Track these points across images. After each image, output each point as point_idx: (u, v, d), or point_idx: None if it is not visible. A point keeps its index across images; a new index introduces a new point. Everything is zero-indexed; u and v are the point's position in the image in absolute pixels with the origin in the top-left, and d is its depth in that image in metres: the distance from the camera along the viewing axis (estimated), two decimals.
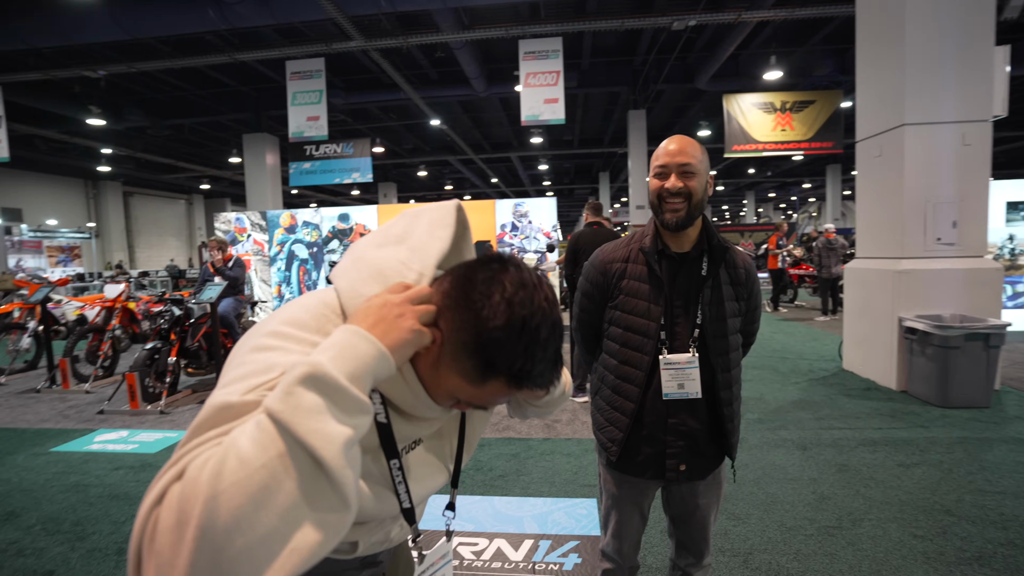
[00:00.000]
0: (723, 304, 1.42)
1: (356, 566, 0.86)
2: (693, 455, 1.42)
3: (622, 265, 1.48)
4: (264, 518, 0.47)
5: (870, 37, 5.08)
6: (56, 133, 12.83)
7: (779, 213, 44.81)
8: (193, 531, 0.45)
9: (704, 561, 1.55)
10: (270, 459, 0.48)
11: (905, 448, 3.28)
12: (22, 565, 2.33)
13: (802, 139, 11.79)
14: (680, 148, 1.38)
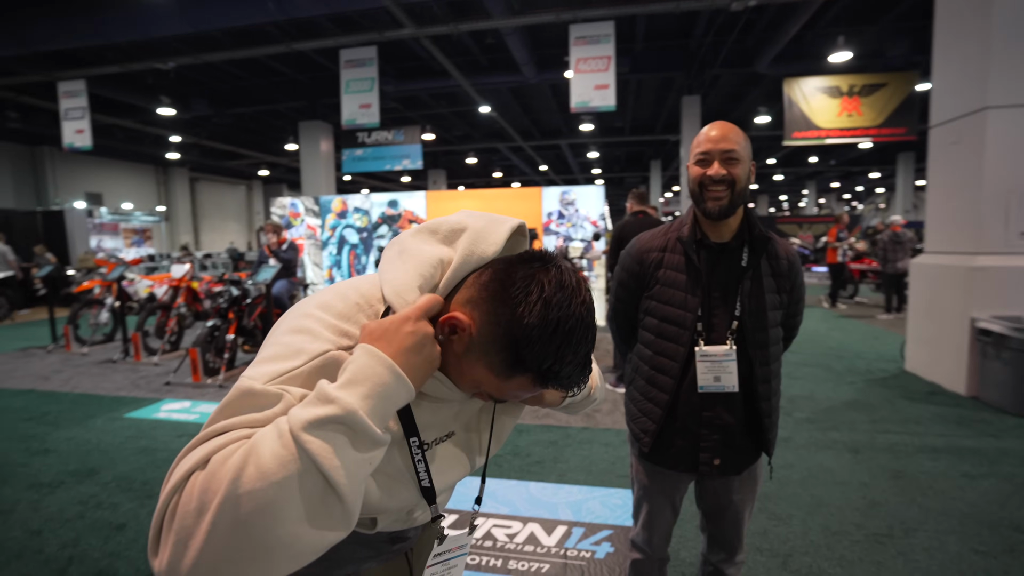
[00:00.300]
0: (763, 296, 1.37)
1: (385, 539, 0.89)
2: (728, 449, 1.39)
3: (659, 254, 1.45)
4: (272, 526, 0.51)
5: (951, 10, 4.68)
6: (131, 123, 13.67)
7: (842, 204, 42.45)
8: (209, 520, 0.50)
9: (736, 558, 1.51)
10: (287, 477, 0.52)
11: (972, 458, 3.07)
12: (99, 517, 2.55)
13: (871, 125, 11.06)
14: (723, 134, 1.33)
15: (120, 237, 17.36)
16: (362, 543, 0.86)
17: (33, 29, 8.32)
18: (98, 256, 11.85)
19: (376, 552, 0.88)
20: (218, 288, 6.09)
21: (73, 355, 6.42)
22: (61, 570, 2.14)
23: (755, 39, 10.58)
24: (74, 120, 10.09)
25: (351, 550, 0.85)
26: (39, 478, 3.00)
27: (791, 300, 1.44)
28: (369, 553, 0.87)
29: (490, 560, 2.17)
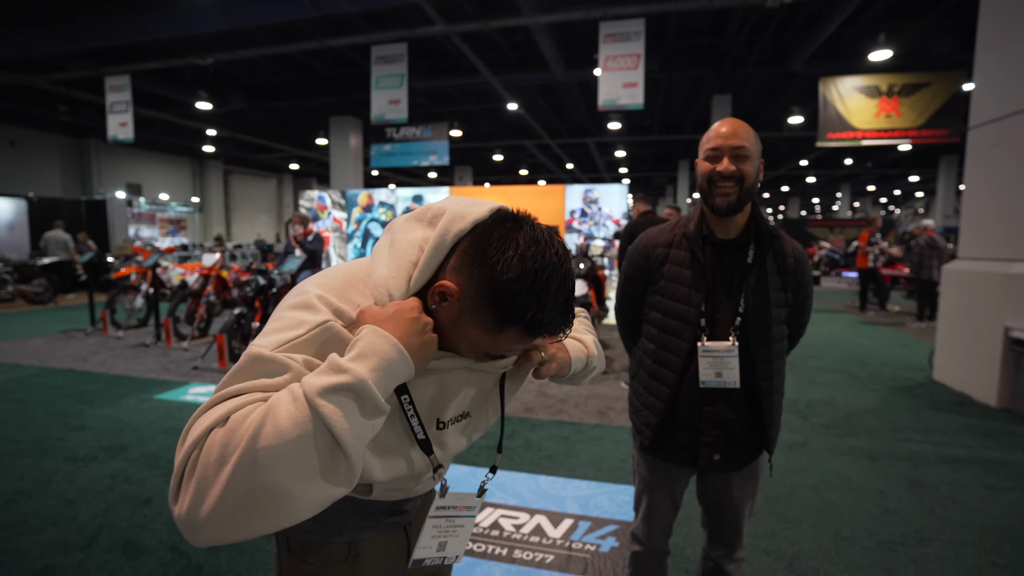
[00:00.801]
0: (768, 293, 1.37)
1: (383, 510, 0.93)
2: (728, 445, 1.39)
3: (665, 250, 1.46)
4: (284, 480, 0.57)
5: (995, 6, 4.50)
6: (170, 116, 14.13)
7: (878, 208, 41.11)
8: (228, 471, 0.56)
9: (736, 555, 1.51)
10: (301, 436, 0.58)
11: (997, 471, 2.97)
12: (128, 491, 2.68)
13: (911, 127, 10.69)
14: (733, 131, 1.34)
15: (156, 227, 17.99)
16: (361, 512, 0.90)
17: (84, 27, 8.68)
18: (135, 244, 12.32)
19: (374, 522, 0.92)
20: (246, 277, 6.29)
21: (109, 338, 6.71)
22: (92, 538, 2.26)
23: (790, 37, 10.32)
24: (118, 113, 10.49)
25: (351, 518, 0.90)
26: (75, 452, 3.16)
27: (797, 299, 1.44)
28: (367, 523, 0.91)
29: (495, 549, 2.21)
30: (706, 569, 1.59)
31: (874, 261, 9.02)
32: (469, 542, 2.24)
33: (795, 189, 33.33)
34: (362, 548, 0.91)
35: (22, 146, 15.90)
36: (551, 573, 2.05)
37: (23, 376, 4.87)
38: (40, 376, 4.88)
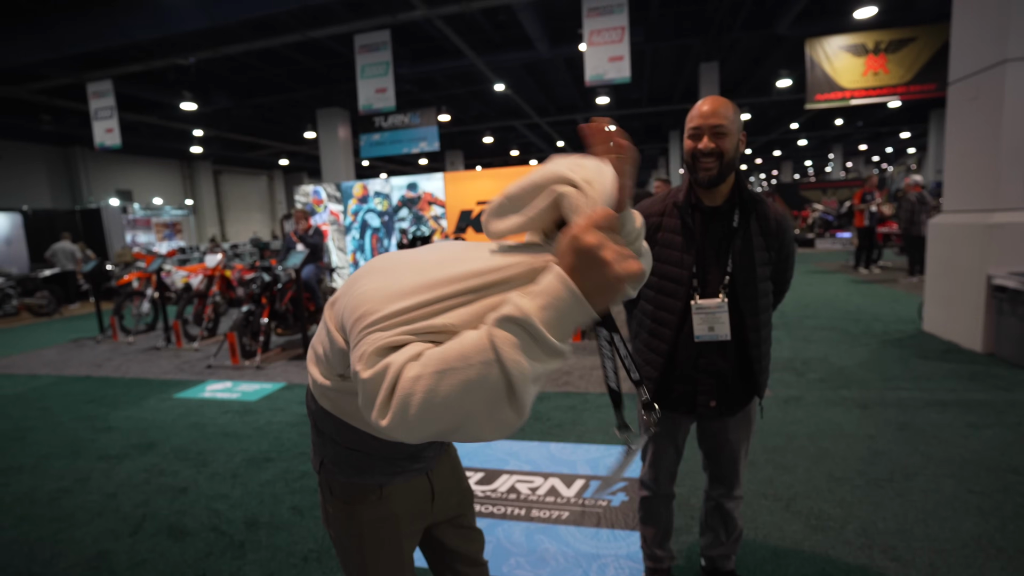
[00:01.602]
0: (753, 254, 1.50)
1: (405, 457, 1.06)
2: (723, 393, 1.54)
3: (658, 219, 1.59)
4: (465, 399, 0.66)
5: None
6: (156, 119, 14.05)
7: (871, 167, 41.09)
8: (425, 384, 0.65)
9: (734, 492, 1.67)
10: (482, 363, 0.65)
11: (979, 409, 3.15)
12: (163, 482, 2.84)
13: (899, 83, 10.69)
14: (712, 109, 1.45)
15: (152, 231, 17.99)
16: (387, 460, 1.04)
17: (61, 33, 8.63)
18: (134, 250, 12.38)
19: (399, 468, 1.06)
20: (250, 275, 6.39)
21: (120, 344, 6.83)
22: (137, 525, 2.43)
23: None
24: (103, 120, 10.46)
25: (379, 465, 1.04)
26: (107, 451, 3.32)
27: (780, 257, 1.58)
28: (393, 469, 1.05)
29: (514, 510, 2.38)
30: (709, 508, 1.75)
31: (869, 219, 9.10)
32: (490, 506, 2.41)
33: (787, 153, 33.26)
34: (389, 491, 1.06)
35: (8, 159, 15.81)
36: (567, 527, 2.22)
37: (42, 385, 5.02)
38: (59, 384, 5.02)
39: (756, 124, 23.23)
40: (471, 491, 1.28)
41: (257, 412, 3.89)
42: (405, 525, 1.10)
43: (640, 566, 1.91)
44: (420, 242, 7.90)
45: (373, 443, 1.01)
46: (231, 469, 2.96)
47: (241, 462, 3.05)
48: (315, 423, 1.09)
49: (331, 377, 0.96)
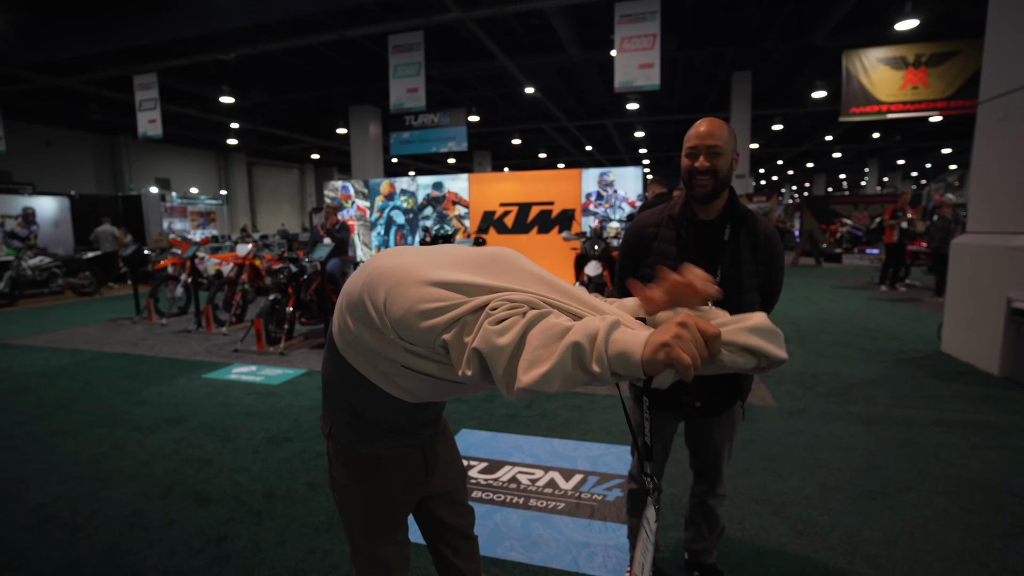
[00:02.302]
0: (741, 265, 1.60)
1: (402, 432, 1.19)
2: (707, 393, 1.64)
3: (655, 229, 1.70)
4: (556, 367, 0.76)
5: None
6: (195, 111, 14.60)
7: (909, 183, 39.93)
8: (555, 352, 0.76)
9: (717, 490, 1.77)
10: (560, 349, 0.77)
11: (986, 431, 3.15)
12: (191, 454, 3.05)
13: (939, 98, 10.47)
14: (708, 131, 1.56)
15: (188, 219, 18.63)
16: (387, 432, 1.18)
17: (113, 28, 9.08)
18: (171, 237, 12.88)
19: (396, 442, 1.20)
20: (278, 265, 6.65)
21: (154, 325, 7.18)
22: (167, 490, 2.63)
23: (812, 9, 10.12)
24: (147, 111, 10.94)
25: (378, 436, 1.19)
26: (140, 423, 3.55)
27: (769, 270, 1.67)
28: (390, 441, 1.19)
29: (513, 498, 2.50)
30: (693, 504, 1.85)
31: (899, 236, 8.91)
32: (491, 493, 2.54)
33: (820, 165, 32.59)
34: (387, 460, 1.20)
35: (58, 146, 16.61)
36: (561, 517, 2.33)
37: (84, 360, 5.34)
38: (99, 359, 5.33)
39: (788, 135, 22.87)
40: (464, 471, 1.42)
41: (279, 395, 4.10)
42: (400, 493, 1.24)
43: (627, 556, 2.02)
44: (442, 240, 8.07)
45: (374, 412, 1.16)
46: (253, 445, 3.15)
47: (262, 440, 3.24)
48: (327, 390, 1.23)
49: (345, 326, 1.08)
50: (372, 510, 1.22)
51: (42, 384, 4.50)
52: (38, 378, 4.68)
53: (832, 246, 15.38)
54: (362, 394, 1.14)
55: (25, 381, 4.59)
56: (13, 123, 13.72)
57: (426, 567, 1.98)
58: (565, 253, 7.63)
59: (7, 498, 2.59)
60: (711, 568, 1.87)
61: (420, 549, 2.01)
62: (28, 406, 3.93)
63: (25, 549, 2.17)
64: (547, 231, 8.31)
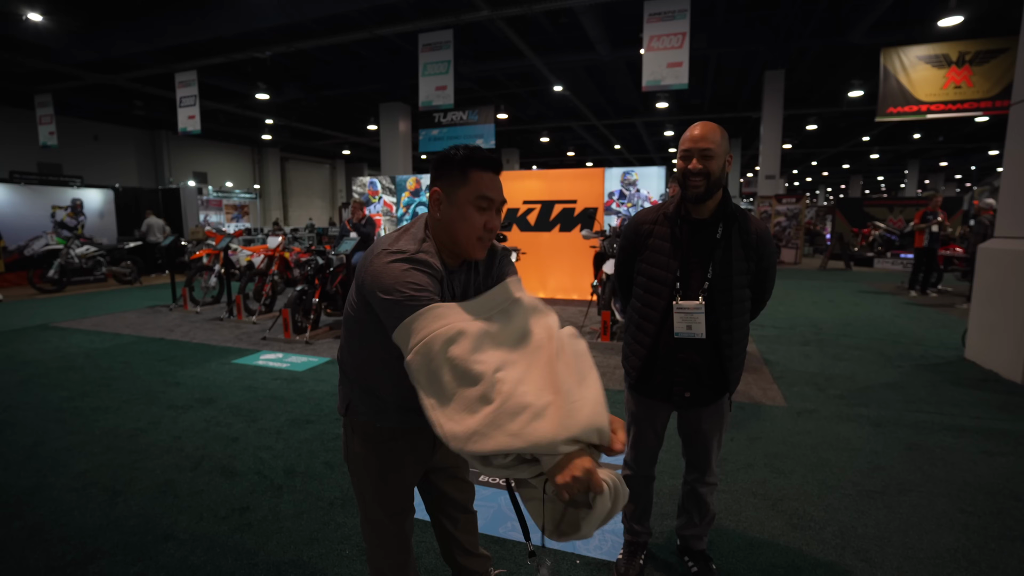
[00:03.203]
0: (731, 263, 1.67)
1: (410, 408, 1.26)
2: (697, 385, 1.72)
3: (651, 226, 1.79)
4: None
5: None
6: (232, 107, 15.11)
7: (953, 186, 38.43)
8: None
9: (707, 479, 1.85)
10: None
11: (998, 438, 3.12)
12: (219, 432, 3.26)
13: (984, 97, 10.11)
14: (702, 135, 1.63)
15: (223, 212, 19.25)
16: (397, 407, 1.30)
17: (156, 28, 9.50)
18: (207, 229, 13.40)
19: (408, 418, 1.30)
20: (305, 258, 6.89)
21: (189, 313, 7.52)
22: (197, 463, 2.83)
23: (850, 6, 9.90)
24: (187, 107, 11.38)
25: (394, 411, 1.30)
26: (174, 402, 3.79)
27: (759, 268, 1.73)
28: (403, 416, 1.30)
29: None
30: (685, 492, 1.93)
31: (929, 240, 8.67)
32: (497, 479, 2.66)
33: (857, 166, 31.69)
34: (398, 432, 1.32)
35: (104, 140, 17.41)
36: None
37: (125, 343, 5.66)
38: (138, 343, 5.65)
39: (823, 135, 22.31)
40: None
41: (303, 381, 4.30)
42: (411, 463, 1.36)
43: (621, 539, 2.10)
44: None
45: (388, 389, 1.28)
46: (276, 426, 3.34)
47: (285, 421, 3.43)
48: (343, 370, 1.36)
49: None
50: (386, 478, 1.35)
51: (87, 364, 4.81)
52: (84, 358, 5.00)
53: (864, 250, 15.00)
54: (376, 373, 1.27)
55: (72, 361, 4.92)
56: (64, 119, 14.46)
57: (429, 541, 2.11)
58: (585, 251, 7.68)
59: (56, 464, 2.83)
60: (701, 554, 1.95)
61: (422, 524, 2.14)
62: (74, 384, 4.22)
63: (71, 509, 2.39)
64: (569, 229, 8.37)
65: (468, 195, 1.18)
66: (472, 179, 1.18)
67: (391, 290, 1.11)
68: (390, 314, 1.12)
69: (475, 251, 1.23)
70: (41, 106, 12.67)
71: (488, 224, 1.20)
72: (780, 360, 4.81)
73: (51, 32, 9.48)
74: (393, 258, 1.15)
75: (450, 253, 1.25)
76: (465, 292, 1.29)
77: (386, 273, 1.13)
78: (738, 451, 2.94)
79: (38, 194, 11.45)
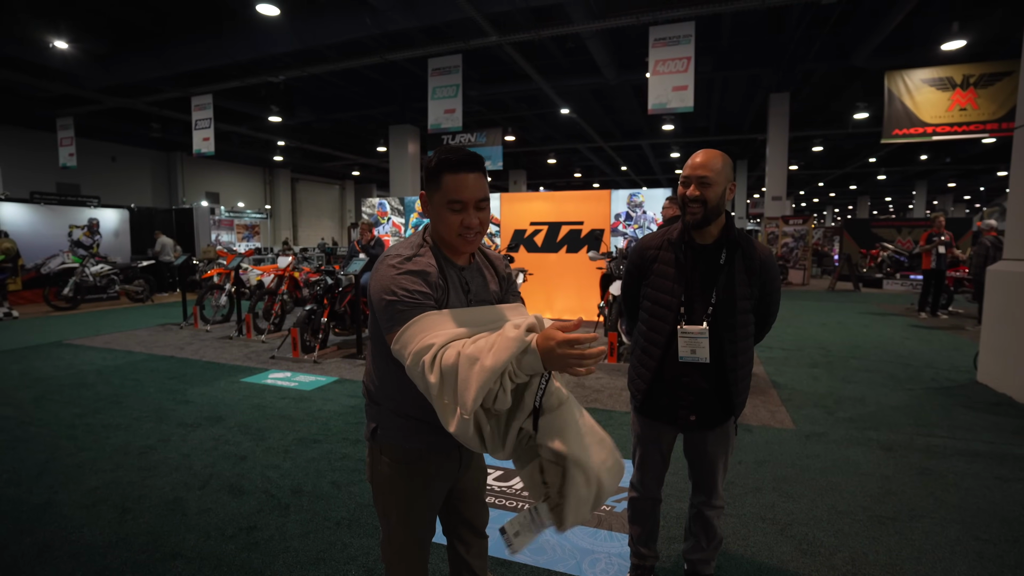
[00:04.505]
0: (735, 288, 1.69)
1: (444, 432, 1.27)
2: (702, 409, 1.73)
3: (655, 251, 1.81)
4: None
5: None
6: (246, 130, 15.44)
7: (962, 207, 38.27)
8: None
9: (713, 502, 1.84)
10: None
11: (1013, 464, 3.07)
12: (228, 450, 3.28)
13: (989, 119, 10.16)
14: (702, 163, 1.67)
15: (234, 232, 19.51)
16: (431, 427, 1.28)
17: (174, 53, 9.78)
18: (219, 248, 13.58)
19: (437, 440, 1.29)
20: (315, 278, 6.97)
21: (199, 331, 7.60)
22: (205, 481, 2.85)
23: (853, 30, 10.02)
24: (202, 129, 11.65)
25: (423, 434, 1.30)
26: (184, 420, 3.82)
27: (763, 293, 1.75)
28: (433, 438, 1.30)
29: (525, 505, 2.61)
30: (692, 515, 1.92)
31: (937, 261, 8.64)
32: (504, 500, 2.65)
33: (864, 187, 31.69)
34: (428, 455, 1.33)
35: (121, 161, 17.81)
36: None
37: (136, 361, 5.72)
38: (149, 361, 5.71)
39: (829, 157, 22.38)
40: (486, 471, 1.55)
41: (311, 400, 4.32)
42: (437, 484, 1.37)
43: (628, 563, 2.09)
44: None
45: (416, 410, 1.27)
46: (284, 445, 3.36)
47: (293, 440, 3.44)
48: (369, 396, 1.38)
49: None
50: (412, 502, 1.35)
51: (99, 381, 4.86)
52: (95, 376, 5.06)
53: (872, 271, 14.93)
54: (401, 390, 1.28)
55: (84, 378, 4.98)
56: (83, 141, 14.84)
57: (435, 564, 2.10)
58: (592, 272, 7.71)
59: (67, 480, 2.85)
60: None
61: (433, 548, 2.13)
62: (86, 400, 4.27)
63: (81, 525, 2.41)
64: (576, 250, 8.42)
65: (442, 199, 1.25)
66: (444, 184, 1.24)
67: (382, 295, 1.19)
68: (383, 318, 1.20)
69: (461, 247, 1.30)
70: (63, 128, 13.02)
71: (464, 222, 1.25)
72: (788, 382, 4.78)
73: (75, 58, 9.79)
74: (388, 263, 1.24)
75: (451, 251, 1.32)
76: (480, 290, 1.35)
77: (380, 278, 1.22)
78: (746, 474, 2.92)
79: (56, 214, 11.68)
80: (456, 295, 1.28)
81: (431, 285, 1.21)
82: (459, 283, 1.30)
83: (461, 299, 1.29)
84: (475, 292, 1.33)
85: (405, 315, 1.16)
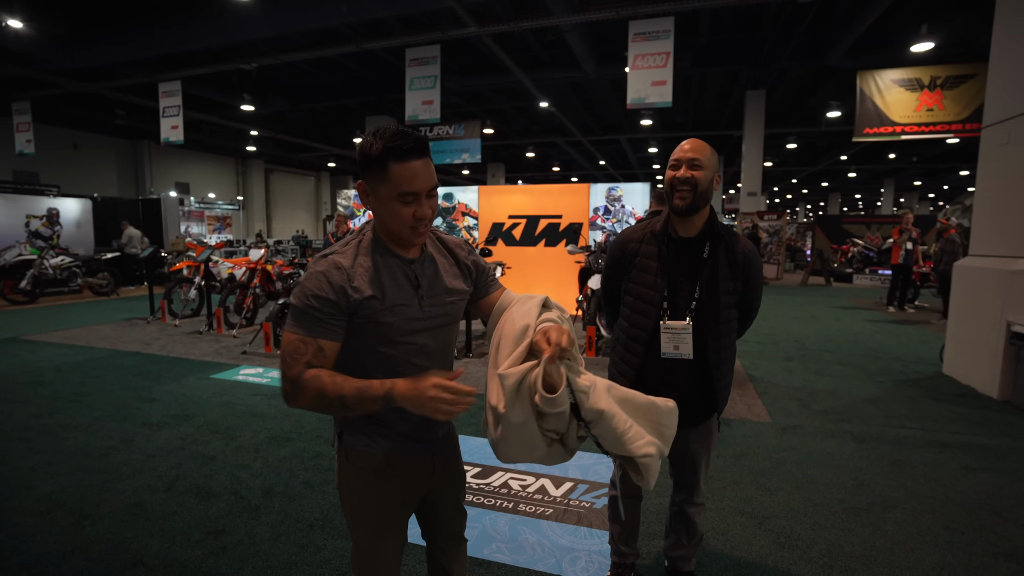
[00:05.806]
0: (718, 283, 1.67)
1: (409, 438, 1.26)
2: (684, 405, 1.69)
3: (637, 245, 1.78)
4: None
5: (1009, 7, 4.57)
6: (216, 118, 14.97)
7: (927, 204, 39.50)
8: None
9: (695, 499, 1.82)
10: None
11: (979, 453, 3.16)
12: (195, 450, 3.16)
13: (955, 120, 10.48)
14: (692, 147, 1.64)
15: (204, 224, 18.98)
16: (395, 438, 1.26)
17: (141, 37, 9.40)
18: (188, 240, 13.18)
19: (403, 446, 1.26)
20: (288, 271, 6.80)
21: (167, 326, 7.36)
22: (171, 483, 2.73)
23: (828, 30, 10.20)
24: (171, 117, 11.24)
25: (388, 440, 1.26)
26: (150, 419, 3.68)
27: (746, 288, 1.73)
28: (397, 445, 1.26)
29: (503, 503, 2.57)
30: (673, 513, 1.90)
31: (905, 257, 8.89)
32: (482, 497, 2.60)
33: (836, 184, 32.43)
34: (394, 462, 1.27)
35: (84, 149, 17.11)
36: (548, 523, 2.39)
37: (99, 357, 5.50)
38: (113, 357, 5.49)
39: (803, 154, 22.82)
40: (464, 475, 1.49)
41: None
42: (407, 492, 1.31)
43: (608, 561, 2.07)
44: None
45: (384, 414, 1.22)
46: (255, 444, 3.25)
47: (264, 439, 3.34)
48: None
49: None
50: (379, 508, 1.28)
51: (57, 379, 4.65)
52: (54, 373, 4.84)
53: (843, 266, 15.30)
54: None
55: (41, 376, 4.76)
56: (42, 127, 14.19)
57: (414, 565, 2.05)
58: (570, 266, 7.70)
59: (19, 486, 2.71)
60: (690, 575, 1.92)
61: (411, 549, 2.08)
62: (43, 400, 4.08)
63: (34, 534, 2.28)
64: (554, 244, 8.40)
65: (390, 192, 1.12)
66: (392, 174, 1.10)
67: (296, 294, 1.14)
68: (289, 315, 1.16)
69: (412, 240, 1.19)
70: (19, 113, 12.42)
71: (417, 214, 1.15)
72: (764, 376, 4.84)
73: (32, 39, 9.33)
74: (317, 259, 1.19)
75: (398, 244, 1.22)
76: (432, 282, 1.25)
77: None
78: (724, 468, 2.93)
79: (13, 203, 11.17)
80: (401, 291, 1.19)
81: (338, 288, 1.13)
82: (406, 278, 1.21)
83: (410, 295, 1.20)
84: (427, 286, 1.24)
85: (296, 319, 1.14)
